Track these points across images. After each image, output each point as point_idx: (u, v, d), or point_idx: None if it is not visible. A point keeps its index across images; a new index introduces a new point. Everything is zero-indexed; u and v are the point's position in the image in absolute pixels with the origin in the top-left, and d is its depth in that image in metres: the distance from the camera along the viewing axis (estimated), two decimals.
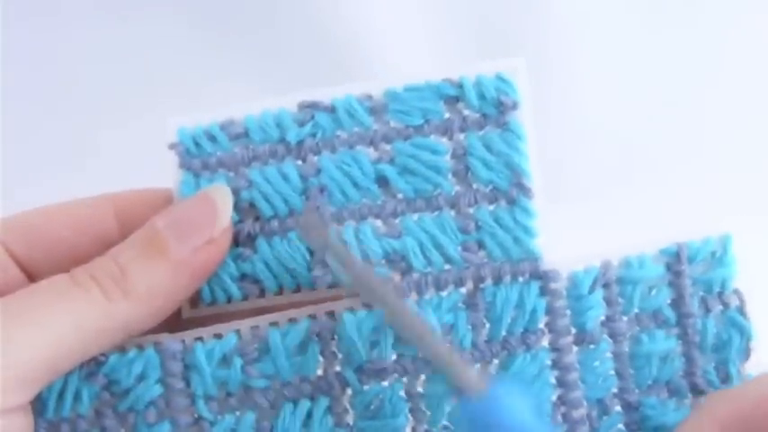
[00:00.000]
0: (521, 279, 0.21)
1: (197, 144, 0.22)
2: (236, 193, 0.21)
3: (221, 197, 0.21)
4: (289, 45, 0.41)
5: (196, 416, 0.20)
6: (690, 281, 0.21)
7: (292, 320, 0.20)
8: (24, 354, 0.18)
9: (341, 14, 0.41)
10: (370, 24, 0.41)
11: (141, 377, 0.20)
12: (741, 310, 0.22)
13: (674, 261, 0.21)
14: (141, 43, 0.41)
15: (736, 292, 0.22)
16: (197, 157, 0.22)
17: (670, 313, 0.21)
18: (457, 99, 0.21)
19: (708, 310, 0.21)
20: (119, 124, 0.40)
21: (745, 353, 0.22)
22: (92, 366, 0.20)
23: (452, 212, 0.21)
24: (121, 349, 0.20)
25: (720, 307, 0.22)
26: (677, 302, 0.21)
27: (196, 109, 0.22)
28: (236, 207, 0.21)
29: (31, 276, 0.21)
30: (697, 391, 0.21)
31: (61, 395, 0.20)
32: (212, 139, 0.22)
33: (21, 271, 0.21)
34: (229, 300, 0.21)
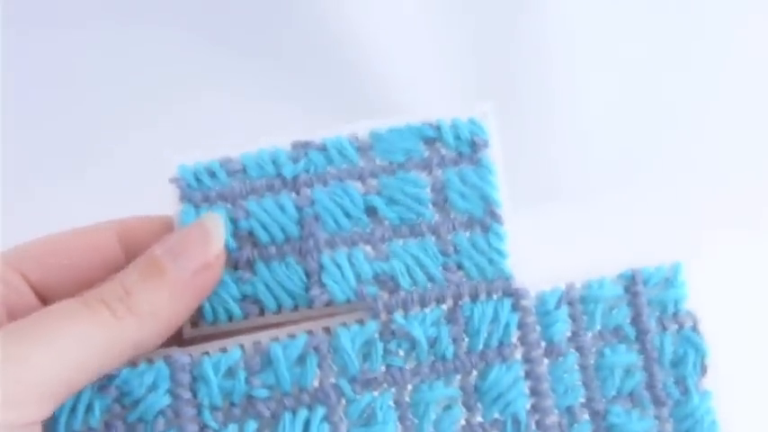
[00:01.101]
0: (495, 296, 0.26)
1: (197, 179, 0.27)
2: (234, 222, 0.26)
3: (214, 225, 0.26)
4: (309, 72, 0.46)
5: (202, 425, 0.24)
6: (646, 301, 0.27)
7: (291, 335, 0.25)
8: (42, 371, 0.22)
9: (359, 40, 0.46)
10: (387, 49, 0.46)
11: (152, 387, 0.24)
12: (695, 329, 0.27)
13: (631, 283, 0.27)
14: (160, 74, 0.46)
15: (689, 313, 0.27)
16: (197, 190, 0.27)
17: (630, 330, 0.27)
18: (434, 139, 0.27)
19: (664, 328, 0.27)
20: (122, 133, 0.44)
21: (702, 368, 0.27)
22: (104, 380, 0.24)
23: (434, 238, 0.26)
24: (133, 364, 0.24)
25: (676, 326, 0.27)
26: (636, 320, 0.27)
27: (204, 125, 0.27)
28: (235, 235, 0.26)
29: (44, 299, 0.25)
30: (659, 403, 0.27)
31: (73, 409, 0.24)
32: (212, 174, 0.27)
33: (35, 295, 0.25)
34: (230, 318, 0.26)
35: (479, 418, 0.26)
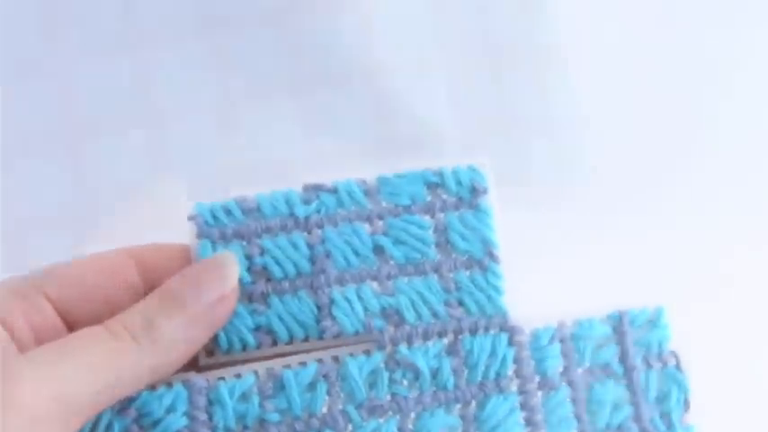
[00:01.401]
0: (492, 332, 0.28)
1: (214, 217, 0.29)
2: (249, 258, 0.29)
3: (228, 262, 0.28)
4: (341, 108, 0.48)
5: None
6: (632, 340, 0.30)
7: (302, 363, 0.27)
8: (70, 391, 0.24)
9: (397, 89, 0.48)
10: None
11: (170, 409, 0.26)
12: (678, 368, 0.30)
13: (618, 324, 0.30)
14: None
15: (673, 352, 0.30)
16: (214, 227, 0.29)
17: (618, 367, 0.29)
18: (437, 185, 0.30)
19: (650, 366, 0.30)
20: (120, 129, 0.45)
21: (685, 405, 0.29)
22: (124, 402, 0.26)
23: (436, 276, 0.29)
24: (152, 387, 0.26)
25: (660, 364, 0.30)
26: (623, 358, 0.29)
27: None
28: (250, 270, 0.28)
29: (65, 320, 0.27)
30: None
31: (93, 430, 0.25)
32: (228, 212, 0.29)
33: (56, 314, 0.27)
34: (244, 348, 0.28)
35: None
